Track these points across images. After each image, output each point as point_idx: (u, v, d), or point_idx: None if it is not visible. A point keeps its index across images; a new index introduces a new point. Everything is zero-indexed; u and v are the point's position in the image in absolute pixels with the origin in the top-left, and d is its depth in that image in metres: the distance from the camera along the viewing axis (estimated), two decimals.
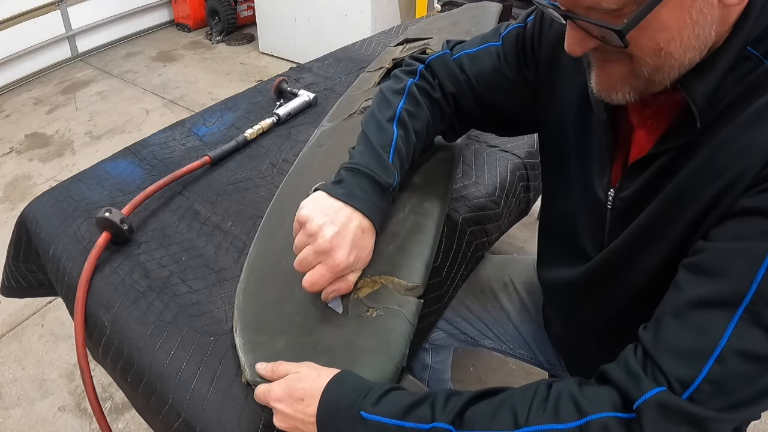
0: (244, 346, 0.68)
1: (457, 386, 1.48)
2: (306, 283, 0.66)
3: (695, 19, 0.47)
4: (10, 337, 1.73)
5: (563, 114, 0.69)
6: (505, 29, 0.77)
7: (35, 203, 0.99)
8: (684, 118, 0.52)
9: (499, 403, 0.52)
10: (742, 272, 0.45)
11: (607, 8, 0.47)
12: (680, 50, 0.49)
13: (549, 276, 0.80)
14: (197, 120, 1.23)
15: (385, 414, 0.54)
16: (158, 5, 3.98)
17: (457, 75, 0.79)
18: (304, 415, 0.58)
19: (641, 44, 0.49)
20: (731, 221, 0.48)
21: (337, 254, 0.65)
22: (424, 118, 0.79)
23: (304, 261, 0.66)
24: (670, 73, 0.50)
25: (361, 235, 0.68)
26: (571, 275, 0.72)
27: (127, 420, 1.47)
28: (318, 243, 0.65)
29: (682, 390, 0.46)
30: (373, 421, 0.54)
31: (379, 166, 0.72)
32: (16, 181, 2.45)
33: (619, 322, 0.67)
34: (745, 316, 0.45)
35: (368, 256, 0.71)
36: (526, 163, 1.09)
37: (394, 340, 0.66)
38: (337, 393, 0.57)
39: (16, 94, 3.17)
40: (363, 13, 2.97)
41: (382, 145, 0.73)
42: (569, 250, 0.72)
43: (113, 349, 0.76)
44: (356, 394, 0.56)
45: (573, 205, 0.70)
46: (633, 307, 0.63)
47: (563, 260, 0.74)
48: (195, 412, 0.65)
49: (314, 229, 0.65)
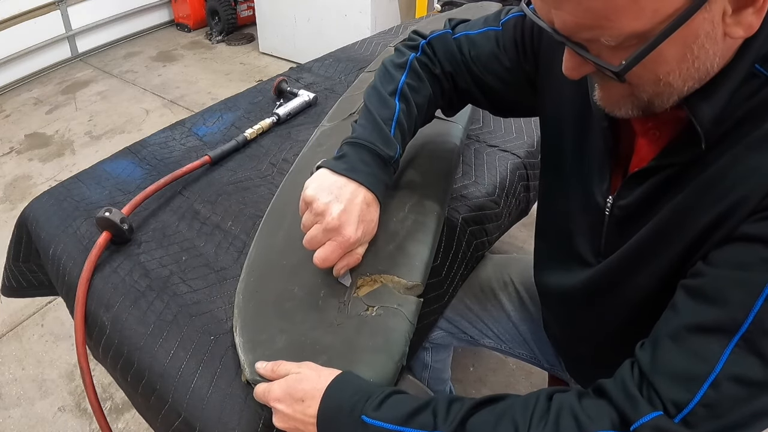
0: (243, 345, 0.68)
1: (457, 386, 1.48)
2: (317, 259, 0.68)
3: (696, 54, 0.46)
4: (10, 337, 1.73)
5: (562, 113, 0.69)
6: (506, 15, 0.76)
7: (35, 203, 0.99)
8: (687, 135, 0.51)
9: (500, 413, 0.53)
10: (740, 301, 0.45)
11: (606, 44, 0.46)
12: (679, 80, 0.48)
13: (544, 279, 0.80)
14: (197, 120, 1.24)
15: (386, 419, 0.54)
16: (158, 5, 3.98)
17: (456, 55, 0.78)
18: (305, 416, 0.58)
19: (639, 74, 0.47)
20: (732, 246, 0.48)
21: (346, 230, 0.67)
22: (426, 93, 0.79)
23: (314, 239, 0.68)
24: (669, 98, 0.50)
25: (366, 209, 0.70)
26: (567, 282, 0.71)
27: (127, 420, 1.47)
28: (326, 221, 0.67)
29: (677, 412, 0.46)
30: (374, 426, 0.54)
31: (380, 139, 0.72)
32: (16, 181, 2.45)
33: (616, 333, 0.67)
34: (741, 343, 0.45)
35: (374, 228, 0.73)
36: (525, 162, 1.09)
37: (393, 339, 0.66)
38: (339, 395, 0.57)
39: (16, 94, 3.18)
40: (363, 13, 2.98)
41: (383, 118, 0.74)
42: (564, 252, 0.71)
43: (113, 349, 0.76)
44: (357, 398, 0.56)
45: (569, 205, 0.70)
46: (630, 321, 0.63)
47: (558, 262, 0.74)
48: (195, 412, 0.65)
49: (321, 208, 0.67)
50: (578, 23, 0.46)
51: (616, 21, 0.44)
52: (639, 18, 0.43)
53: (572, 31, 0.47)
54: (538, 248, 0.82)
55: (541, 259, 0.82)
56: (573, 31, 0.47)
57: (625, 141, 0.61)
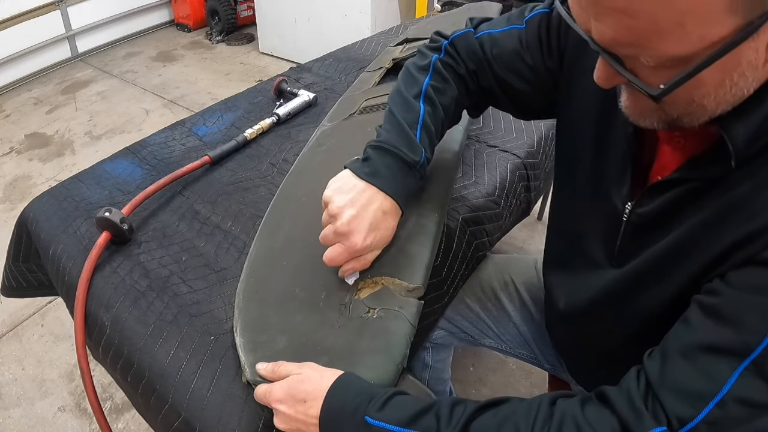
0: (244, 345, 0.68)
1: (457, 386, 1.48)
2: (325, 258, 0.69)
3: (735, 81, 0.44)
4: (10, 337, 1.73)
5: (583, 109, 0.67)
6: (530, 12, 0.74)
7: (35, 203, 0.99)
8: (717, 151, 0.50)
9: (503, 418, 0.53)
10: (755, 326, 0.45)
11: (645, 63, 0.45)
12: (713, 104, 0.47)
13: (552, 277, 0.79)
14: (197, 120, 1.23)
15: (390, 421, 0.54)
16: (158, 5, 3.98)
17: (478, 53, 0.77)
18: (306, 416, 0.58)
19: (674, 96, 0.46)
20: (752, 268, 0.48)
21: (354, 237, 0.68)
22: (452, 93, 0.78)
23: (325, 238, 0.70)
24: (699, 118, 0.49)
25: (381, 217, 0.70)
26: (576, 283, 0.71)
27: (127, 420, 1.47)
28: (337, 225, 0.68)
29: (680, 426, 0.47)
30: (377, 427, 0.54)
31: (405, 143, 0.71)
32: (16, 181, 2.45)
33: (622, 338, 0.66)
34: (751, 367, 0.45)
35: (389, 236, 0.73)
36: (526, 163, 1.09)
37: (394, 342, 0.66)
38: (341, 396, 0.57)
39: (16, 94, 3.17)
40: (363, 13, 2.98)
41: (408, 122, 0.73)
42: (575, 249, 0.71)
43: (113, 349, 0.76)
44: (360, 399, 0.56)
45: (583, 203, 0.69)
46: (638, 328, 0.63)
47: (567, 260, 0.74)
48: (195, 412, 0.65)
49: (335, 211, 0.68)
50: (617, 39, 0.44)
51: (658, 43, 0.42)
52: (683, 43, 0.42)
53: (610, 45, 0.46)
54: (548, 244, 0.82)
55: (551, 256, 0.81)
56: (610, 45, 0.46)
57: (648, 146, 0.61)
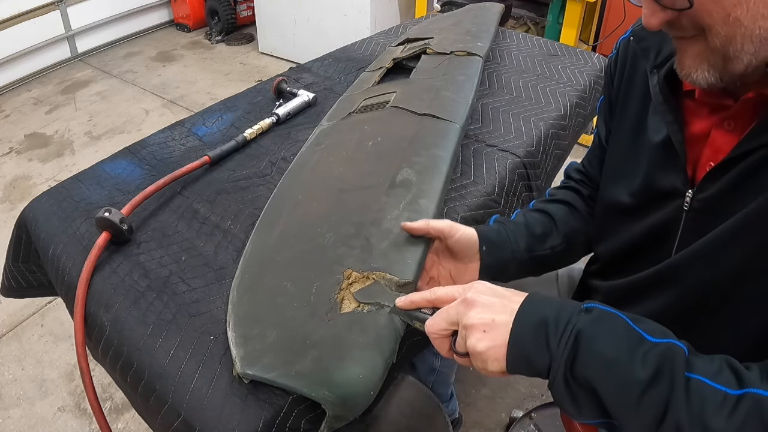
0: (235, 339, 0.69)
1: (458, 386, 1.48)
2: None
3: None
4: (10, 337, 1.73)
5: (622, 125, 0.74)
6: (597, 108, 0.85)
7: (35, 203, 0.99)
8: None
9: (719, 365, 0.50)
10: None
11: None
12: (748, 17, 0.48)
13: (600, 283, 0.80)
14: (197, 120, 1.23)
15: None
16: (158, 5, 3.98)
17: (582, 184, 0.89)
18: (512, 302, 0.55)
19: (708, 8, 0.49)
20: None
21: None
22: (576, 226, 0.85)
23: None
24: (743, 44, 0.49)
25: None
26: (626, 285, 0.72)
27: (127, 420, 1.47)
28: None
29: None
30: (599, 309, 0.52)
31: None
32: (16, 181, 2.46)
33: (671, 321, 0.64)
34: None
35: None
36: (525, 162, 1.09)
37: (384, 336, 0.66)
38: (544, 298, 0.55)
39: (15, 94, 3.17)
40: (363, 13, 2.98)
41: None
42: (631, 258, 0.72)
43: (113, 349, 0.76)
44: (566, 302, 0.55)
45: (631, 197, 0.71)
46: (693, 309, 0.63)
47: (622, 269, 0.74)
48: (195, 412, 0.65)
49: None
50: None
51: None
52: None
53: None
54: (595, 260, 0.84)
55: (602, 269, 0.82)
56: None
57: (695, 136, 0.62)
